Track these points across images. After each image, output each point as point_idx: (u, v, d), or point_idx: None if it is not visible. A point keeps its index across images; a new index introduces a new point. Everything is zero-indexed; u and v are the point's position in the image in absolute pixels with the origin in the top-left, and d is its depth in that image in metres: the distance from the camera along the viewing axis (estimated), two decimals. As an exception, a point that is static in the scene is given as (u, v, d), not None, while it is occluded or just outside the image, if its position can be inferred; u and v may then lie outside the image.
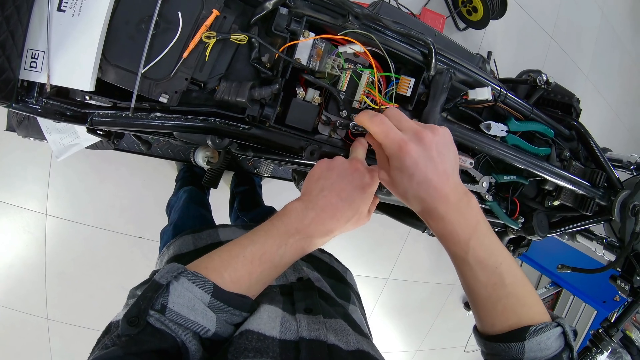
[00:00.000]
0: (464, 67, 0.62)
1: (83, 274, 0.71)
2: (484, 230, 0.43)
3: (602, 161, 0.71)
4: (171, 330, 0.35)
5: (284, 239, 0.43)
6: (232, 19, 0.53)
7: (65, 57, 0.49)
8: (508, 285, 0.41)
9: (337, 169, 0.48)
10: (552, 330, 0.40)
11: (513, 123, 0.67)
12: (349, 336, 0.43)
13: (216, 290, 0.37)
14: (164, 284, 0.36)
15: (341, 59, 0.58)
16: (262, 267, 0.41)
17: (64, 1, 0.48)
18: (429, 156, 0.42)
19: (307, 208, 0.45)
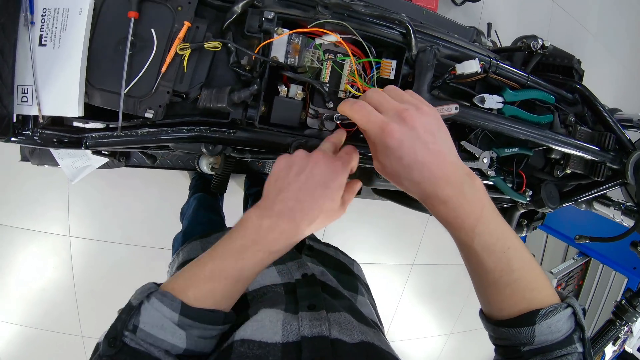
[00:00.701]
0: (448, 42, 0.59)
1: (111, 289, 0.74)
2: (490, 213, 0.39)
3: (610, 122, 0.65)
4: (145, 348, 0.35)
5: (241, 254, 0.40)
6: (204, 27, 0.52)
7: (53, 88, 0.50)
8: (516, 270, 0.39)
9: (296, 165, 0.43)
10: (562, 312, 0.38)
11: (508, 93, 0.63)
12: (353, 329, 0.42)
13: (184, 308, 0.37)
14: (136, 305, 0.37)
15: (320, 51, 0.57)
16: (224, 283, 0.40)
17: (44, 36, 0.49)
18: (416, 135, 0.39)
19: (262, 216, 0.41)
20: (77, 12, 0.49)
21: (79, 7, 0.48)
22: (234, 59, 0.55)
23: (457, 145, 0.66)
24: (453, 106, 0.56)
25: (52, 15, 0.49)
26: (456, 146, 0.66)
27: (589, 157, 0.64)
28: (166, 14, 0.51)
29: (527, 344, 0.38)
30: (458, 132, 0.67)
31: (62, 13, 0.49)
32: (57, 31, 0.49)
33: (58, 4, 0.49)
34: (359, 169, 0.60)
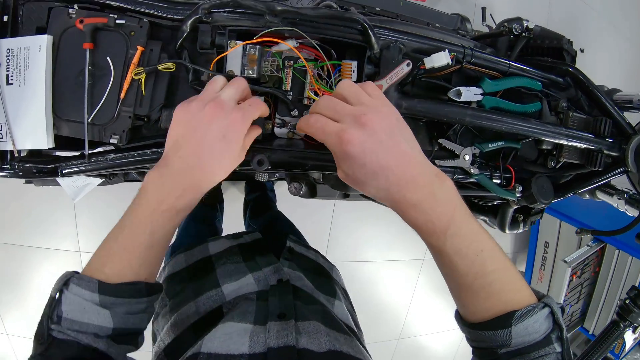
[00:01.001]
0: (413, 35, 0.56)
1: None
2: (461, 215, 0.38)
3: (606, 106, 0.58)
4: (72, 337, 0.35)
5: (149, 217, 0.39)
6: (158, 49, 0.52)
7: (23, 123, 0.52)
8: (490, 272, 0.37)
9: (194, 120, 0.40)
10: (539, 312, 0.36)
11: (487, 83, 0.58)
12: (321, 337, 0.41)
13: (102, 286, 0.37)
14: (55, 296, 0.36)
15: (279, 59, 0.55)
16: (139, 252, 0.39)
17: (10, 75, 0.51)
18: (377, 140, 0.37)
19: (162, 175, 0.40)
20: (37, 50, 0.50)
21: (37, 45, 0.50)
22: (193, 77, 0.55)
23: (435, 143, 0.62)
24: (404, 64, 0.52)
25: (16, 54, 0.50)
26: (434, 145, 0.63)
27: (583, 145, 0.58)
28: (120, 41, 0.51)
29: (504, 345, 0.37)
30: (436, 129, 0.63)
31: (24, 52, 0.50)
32: (21, 69, 0.50)
33: (19, 43, 0.50)
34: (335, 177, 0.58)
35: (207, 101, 0.41)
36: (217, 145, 0.40)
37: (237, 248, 0.64)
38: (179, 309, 0.54)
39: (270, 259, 0.60)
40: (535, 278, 1.88)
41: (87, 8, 0.52)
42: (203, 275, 0.58)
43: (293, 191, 0.82)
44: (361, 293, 1.89)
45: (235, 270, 0.57)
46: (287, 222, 1.07)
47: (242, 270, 0.57)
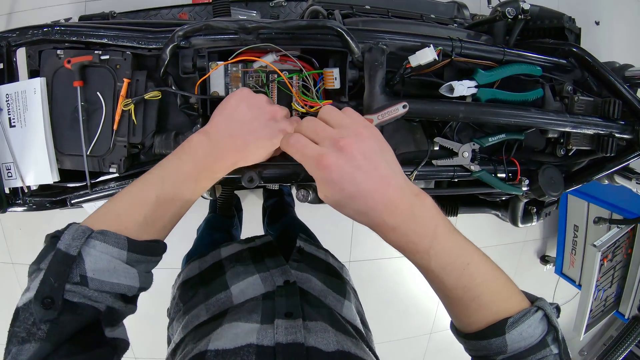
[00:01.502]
0: (395, 34, 0.53)
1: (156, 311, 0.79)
2: (444, 232, 0.37)
3: (616, 85, 0.53)
4: (93, 300, 0.32)
5: (194, 177, 0.41)
6: (144, 79, 0.53)
7: (29, 161, 0.54)
8: (479, 284, 0.37)
9: (255, 108, 0.45)
10: (532, 316, 0.36)
11: (481, 75, 0.55)
12: (329, 337, 0.41)
13: (131, 244, 0.35)
14: (75, 254, 0.32)
15: (261, 75, 0.55)
16: (174, 207, 0.40)
17: (12, 119, 0.54)
18: (355, 165, 0.36)
19: (212, 144, 0.42)
20: (33, 92, 0.52)
21: (33, 87, 0.52)
22: (182, 101, 0.56)
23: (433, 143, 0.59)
24: (400, 105, 0.50)
25: (14, 99, 0.53)
26: (430, 144, 0.60)
27: (591, 131, 0.53)
28: (107, 75, 0.53)
29: (500, 353, 0.37)
30: (433, 127, 0.60)
31: (22, 95, 0.53)
32: (21, 112, 0.53)
33: (16, 88, 0.53)
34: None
35: (270, 102, 0.47)
36: (263, 141, 0.45)
37: (247, 252, 0.65)
38: (190, 312, 0.55)
39: (278, 261, 0.60)
40: (567, 263, 1.78)
41: (73, 48, 0.53)
42: (214, 279, 0.59)
43: (301, 198, 0.82)
44: (389, 290, 1.86)
45: (244, 271, 0.57)
46: (301, 226, 1.07)
47: (250, 271, 0.57)
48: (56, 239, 0.33)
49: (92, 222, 0.36)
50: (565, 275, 1.78)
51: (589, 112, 0.55)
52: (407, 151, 0.60)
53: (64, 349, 0.30)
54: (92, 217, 0.37)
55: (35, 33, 0.54)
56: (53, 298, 0.30)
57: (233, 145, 0.43)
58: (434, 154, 0.59)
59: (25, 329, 0.30)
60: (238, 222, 1.33)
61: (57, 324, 0.30)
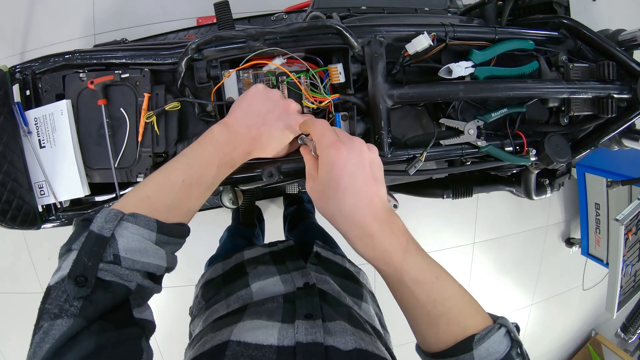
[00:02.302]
0: (390, 26, 0.59)
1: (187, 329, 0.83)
2: (414, 246, 0.41)
3: (608, 48, 0.58)
4: (124, 279, 0.35)
5: (216, 162, 0.45)
6: (163, 92, 0.59)
7: (60, 178, 0.60)
8: (448, 299, 0.40)
9: (270, 101, 0.50)
10: (496, 332, 0.39)
11: (476, 55, 0.60)
12: (347, 336, 0.44)
13: (160, 226, 0.38)
14: (109, 236, 0.34)
15: (271, 78, 0.60)
16: (199, 190, 0.44)
17: (42, 140, 0.60)
18: (361, 164, 0.42)
19: (230, 133, 0.48)
20: (60, 113, 0.58)
21: (59, 110, 0.58)
22: (199, 110, 0.61)
23: (438, 125, 0.64)
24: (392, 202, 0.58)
25: (42, 121, 0.59)
26: (436, 126, 0.65)
27: (589, 95, 0.57)
28: (128, 92, 0.59)
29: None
30: (437, 110, 0.65)
31: (49, 117, 0.59)
32: (49, 133, 0.59)
33: (44, 111, 0.59)
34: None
35: (283, 97, 0.52)
36: (278, 132, 0.50)
37: (268, 255, 0.69)
38: (211, 308, 0.58)
39: (298, 264, 0.63)
40: (592, 243, 1.78)
41: (94, 70, 0.60)
42: (236, 279, 0.62)
43: None
44: None
45: (265, 272, 0.62)
46: (319, 231, 1.11)
47: (271, 271, 0.61)
48: (88, 222, 0.36)
49: (122, 206, 0.38)
50: (592, 256, 1.79)
51: (585, 78, 0.60)
52: (415, 135, 0.65)
53: (95, 325, 0.31)
54: (122, 201, 0.40)
55: (56, 60, 0.61)
56: (86, 276, 0.32)
57: (249, 134, 0.49)
58: (441, 134, 0.63)
59: (57, 305, 0.31)
60: (260, 232, 1.38)
61: (90, 301, 0.32)
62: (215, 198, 1.45)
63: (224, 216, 1.55)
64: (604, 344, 2.24)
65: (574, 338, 2.39)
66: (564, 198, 2.04)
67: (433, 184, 0.82)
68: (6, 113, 0.59)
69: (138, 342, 0.34)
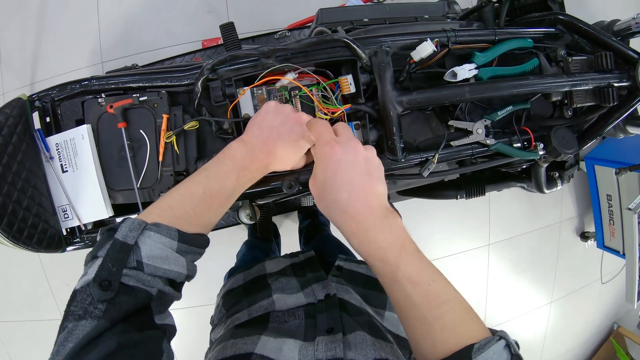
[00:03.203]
0: (394, 35, 0.63)
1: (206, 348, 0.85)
2: (411, 247, 0.42)
3: (603, 39, 0.62)
4: (146, 284, 0.37)
5: (235, 175, 0.49)
6: (180, 113, 0.63)
7: (84, 201, 0.64)
8: (444, 303, 0.39)
9: (281, 115, 0.53)
10: (496, 344, 0.37)
11: (478, 57, 0.65)
12: (367, 348, 0.45)
13: (181, 235, 0.41)
14: (133, 243, 0.37)
15: (285, 93, 0.65)
16: (219, 201, 0.47)
17: (64, 164, 0.64)
18: (355, 160, 0.44)
19: (247, 147, 0.51)
20: (81, 138, 0.63)
21: (80, 134, 0.62)
22: (216, 128, 0.65)
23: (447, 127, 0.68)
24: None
25: (64, 146, 0.63)
26: (444, 128, 0.69)
27: (589, 86, 0.62)
28: (147, 114, 0.63)
29: None
30: (445, 113, 0.69)
31: (70, 142, 0.63)
32: (71, 157, 0.63)
33: (65, 137, 0.63)
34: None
35: (295, 110, 0.55)
36: (292, 143, 0.53)
37: (290, 268, 0.72)
38: (233, 316, 0.61)
39: (319, 274, 0.66)
40: (607, 235, 1.81)
41: (112, 94, 0.64)
42: (258, 290, 0.65)
43: None
44: None
45: (286, 283, 0.65)
46: (336, 242, 1.14)
47: (292, 283, 0.64)
48: (112, 231, 0.39)
49: (146, 216, 0.42)
50: (608, 248, 1.81)
51: (585, 70, 0.64)
52: (426, 138, 0.69)
53: (118, 327, 0.34)
54: (145, 212, 0.43)
55: (74, 87, 0.66)
56: (110, 281, 0.35)
57: (265, 148, 0.52)
58: (451, 136, 0.67)
59: (82, 307, 0.34)
60: (276, 247, 1.41)
61: (113, 304, 0.34)
62: (231, 215, 1.48)
63: (240, 235, 1.59)
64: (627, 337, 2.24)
65: (596, 333, 2.40)
66: (575, 192, 2.08)
67: (446, 185, 0.86)
68: (28, 140, 0.63)
69: (159, 343, 0.37)
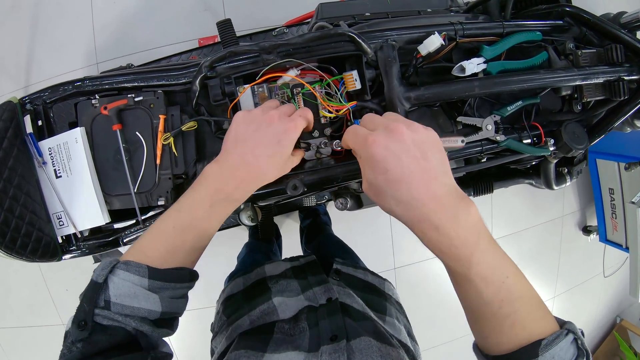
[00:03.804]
0: (400, 29, 0.62)
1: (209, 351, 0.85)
2: (487, 241, 0.38)
3: (613, 32, 0.61)
4: (119, 322, 0.38)
5: (208, 202, 0.46)
6: (178, 113, 0.61)
7: (79, 207, 0.62)
8: (516, 300, 0.38)
9: (254, 123, 0.48)
10: (564, 339, 0.37)
11: (486, 50, 0.63)
12: (373, 353, 0.45)
13: (151, 271, 0.41)
14: (102, 282, 0.39)
15: (287, 90, 0.63)
16: (193, 234, 0.45)
17: (57, 170, 0.61)
18: (403, 148, 0.39)
19: (222, 168, 0.47)
20: (74, 141, 0.60)
21: (74, 137, 0.60)
22: (216, 128, 0.63)
23: (456, 123, 0.67)
24: (459, 139, 0.58)
25: (57, 151, 0.61)
26: (452, 124, 0.67)
27: (600, 79, 0.61)
28: (143, 115, 0.61)
29: None
30: (453, 110, 0.68)
31: (64, 146, 0.61)
32: (65, 162, 0.61)
33: (58, 140, 0.61)
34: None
35: (268, 109, 0.51)
36: (272, 147, 0.48)
37: (290, 271, 0.70)
38: (234, 323, 0.60)
39: (321, 278, 0.65)
40: (610, 229, 1.82)
41: (106, 95, 0.62)
42: (258, 294, 0.64)
43: (340, 207, 0.87)
44: (438, 290, 1.92)
45: (287, 286, 0.63)
46: (338, 243, 1.13)
47: (293, 286, 0.63)
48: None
49: (123, 256, 0.43)
50: (611, 241, 1.82)
51: (594, 63, 0.63)
52: (432, 134, 0.68)
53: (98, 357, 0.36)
54: (125, 253, 0.44)
55: (66, 89, 0.63)
56: (86, 320, 0.37)
57: (244, 161, 0.47)
58: (460, 133, 0.66)
59: (66, 346, 0.37)
60: (277, 248, 1.40)
61: (89, 342, 0.37)
62: (232, 217, 1.46)
63: (241, 236, 1.58)
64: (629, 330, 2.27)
65: (600, 326, 2.43)
66: (577, 186, 2.10)
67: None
68: (19, 145, 0.61)
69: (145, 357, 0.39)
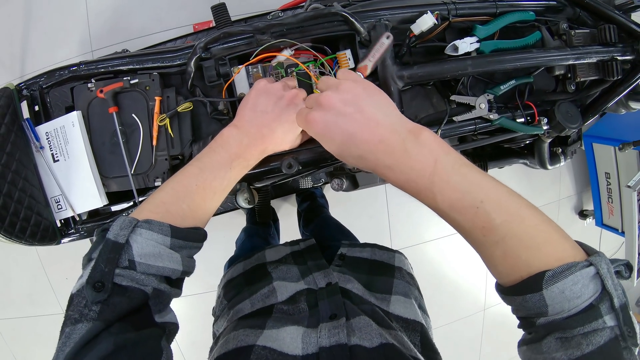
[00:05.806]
0: (393, 8, 0.62)
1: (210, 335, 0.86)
2: (447, 166, 0.36)
3: (606, 12, 0.62)
4: (140, 283, 0.37)
5: (228, 165, 0.48)
6: (173, 94, 0.62)
7: (77, 190, 0.63)
8: (499, 225, 0.34)
9: (274, 96, 0.53)
10: (578, 272, 0.31)
11: (479, 30, 0.64)
12: (372, 332, 0.45)
13: (174, 230, 0.41)
14: (124, 242, 0.37)
15: (281, 70, 0.64)
16: (214, 192, 0.47)
17: (54, 154, 0.62)
18: (336, 113, 0.40)
19: (241, 134, 0.51)
20: (71, 125, 0.61)
21: (70, 121, 0.61)
22: (211, 109, 0.64)
23: (449, 102, 0.68)
24: (383, 37, 0.59)
25: (54, 135, 0.62)
26: (446, 103, 0.69)
27: (593, 59, 0.62)
28: (139, 97, 0.62)
29: (540, 314, 0.34)
30: (447, 88, 0.69)
31: (61, 130, 0.62)
32: (62, 146, 0.62)
33: (55, 125, 0.62)
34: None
35: (288, 87, 0.55)
36: (289, 124, 0.53)
37: (290, 256, 0.72)
38: (235, 307, 0.61)
39: (320, 263, 0.66)
40: (606, 213, 1.85)
41: (102, 79, 0.63)
42: (258, 279, 0.65)
43: (336, 187, 0.88)
44: (434, 273, 1.95)
45: (287, 271, 0.65)
46: (334, 225, 1.13)
47: (293, 271, 0.64)
48: (106, 231, 0.39)
49: (138, 214, 0.42)
50: (607, 226, 1.85)
51: (588, 43, 0.64)
52: (427, 114, 0.69)
53: (115, 327, 0.34)
54: (138, 210, 0.43)
55: (62, 73, 0.64)
56: (103, 282, 0.35)
57: (260, 133, 0.51)
58: (453, 111, 0.67)
59: (78, 311, 0.34)
60: (275, 231, 1.42)
61: (107, 305, 0.35)
62: (229, 200, 1.48)
63: (239, 220, 1.59)
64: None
65: (596, 312, 2.45)
66: (574, 170, 2.11)
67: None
68: (16, 130, 0.62)
69: (158, 342, 0.37)
